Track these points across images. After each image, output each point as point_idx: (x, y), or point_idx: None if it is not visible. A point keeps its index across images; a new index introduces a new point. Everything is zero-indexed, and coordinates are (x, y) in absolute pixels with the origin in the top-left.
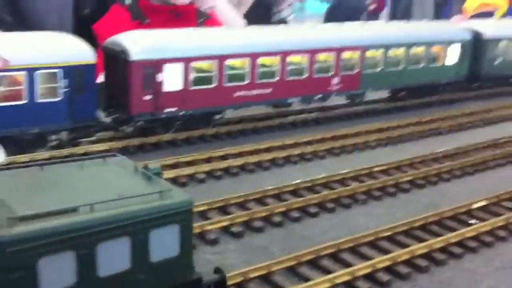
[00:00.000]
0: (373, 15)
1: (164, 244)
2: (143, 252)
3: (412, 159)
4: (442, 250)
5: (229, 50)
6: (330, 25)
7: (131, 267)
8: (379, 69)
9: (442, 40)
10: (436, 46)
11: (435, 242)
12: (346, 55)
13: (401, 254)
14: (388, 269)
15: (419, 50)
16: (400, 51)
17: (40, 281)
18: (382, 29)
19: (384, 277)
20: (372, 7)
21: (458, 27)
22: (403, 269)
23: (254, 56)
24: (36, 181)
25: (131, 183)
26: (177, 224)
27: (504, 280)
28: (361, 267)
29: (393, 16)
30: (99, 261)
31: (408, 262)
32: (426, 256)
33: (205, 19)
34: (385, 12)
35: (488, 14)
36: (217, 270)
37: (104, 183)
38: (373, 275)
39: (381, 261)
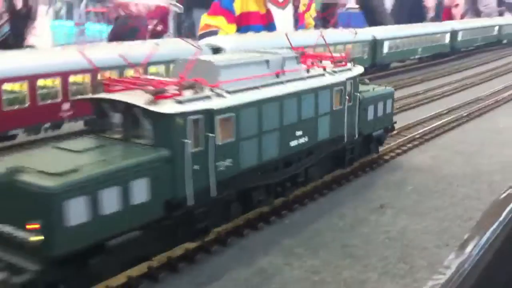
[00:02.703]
0: (158, 37)
1: (386, 107)
2: (382, 110)
3: None
4: None
5: None
6: (57, 48)
7: (380, 116)
8: None
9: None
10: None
11: None
12: (76, 79)
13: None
14: None
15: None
16: (162, 68)
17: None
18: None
19: None
20: (159, 28)
21: (200, 43)
22: None
23: None
24: None
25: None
26: (391, 99)
27: None
28: None
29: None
30: (369, 112)
31: None
32: None
33: None
34: (171, 33)
35: (214, 33)
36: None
37: None
38: None
39: None
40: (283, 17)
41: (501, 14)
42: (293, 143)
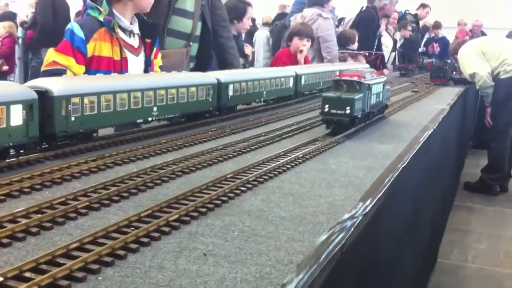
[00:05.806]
0: (3, 77)
1: (388, 94)
2: (387, 94)
3: None
4: None
5: None
6: None
7: (387, 96)
8: None
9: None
10: None
11: None
12: None
13: None
14: None
15: None
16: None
17: None
18: None
19: None
20: (4, 68)
21: (23, 86)
22: None
23: None
24: None
25: None
26: (389, 91)
27: None
28: None
29: (26, 78)
30: (385, 94)
31: None
32: None
33: None
34: (16, 73)
35: (61, 72)
36: None
37: None
38: None
39: None
40: (136, 63)
41: (344, 60)
42: (376, 101)
